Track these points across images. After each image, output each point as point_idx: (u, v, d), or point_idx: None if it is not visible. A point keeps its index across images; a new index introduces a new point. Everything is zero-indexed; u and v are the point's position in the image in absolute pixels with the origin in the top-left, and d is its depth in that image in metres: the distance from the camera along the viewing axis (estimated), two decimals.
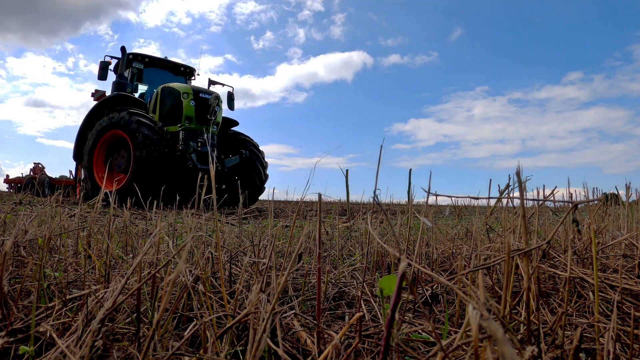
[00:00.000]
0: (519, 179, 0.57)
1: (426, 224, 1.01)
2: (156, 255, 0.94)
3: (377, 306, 0.95)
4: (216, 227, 0.81)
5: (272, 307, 0.49)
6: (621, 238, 0.90)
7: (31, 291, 0.92)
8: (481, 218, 1.52)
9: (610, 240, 1.48)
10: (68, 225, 1.63)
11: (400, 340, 0.72)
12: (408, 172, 1.98)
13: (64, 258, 1.18)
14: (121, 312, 0.79)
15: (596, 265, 0.65)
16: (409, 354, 0.67)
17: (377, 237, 0.69)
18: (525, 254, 0.59)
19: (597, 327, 0.66)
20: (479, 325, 0.31)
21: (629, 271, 1.12)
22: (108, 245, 0.97)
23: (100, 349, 0.65)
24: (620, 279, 0.87)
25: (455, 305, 0.98)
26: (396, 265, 1.37)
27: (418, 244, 0.95)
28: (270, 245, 0.98)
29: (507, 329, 0.54)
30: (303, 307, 0.97)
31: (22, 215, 1.55)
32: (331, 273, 1.28)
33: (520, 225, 1.08)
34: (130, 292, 0.59)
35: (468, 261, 1.17)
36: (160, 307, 0.49)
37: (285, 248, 1.28)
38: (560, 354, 0.64)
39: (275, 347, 0.58)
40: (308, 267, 1.34)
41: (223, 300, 0.83)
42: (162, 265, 0.64)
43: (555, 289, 1.05)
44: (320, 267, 0.67)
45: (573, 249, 1.16)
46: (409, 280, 0.92)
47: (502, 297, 0.57)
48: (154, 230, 1.00)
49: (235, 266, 1.26)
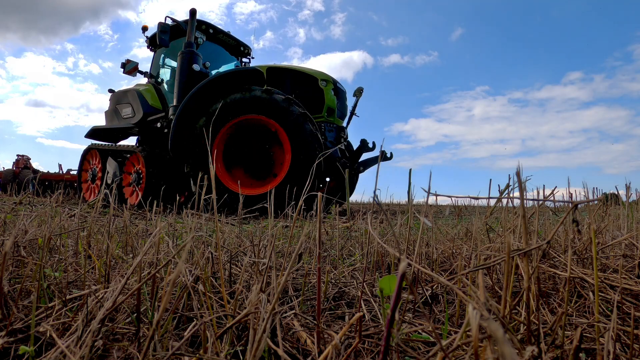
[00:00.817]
0: (519, 179, 0.57)
1: (426, 224, 1.01)
2: (156, 255, 0.94)
3: (377, 306, 0.95)
4: (216, 227, 0.81)
5: (272, 307, 0.49)
6: (621, 238, 0.89)
7: (31, 291, 0.92)
8: (481, 218, 1.52)
9: (610, 240, 1.48)
10: (68, 225, 1.64)
11: (400, 340, 0.72)
12: (408, 172, 1.98)
13: (64, 258, 1.18)
14: (121, 312, 0.79)
15: (596, 265, 0.65)
16: (409, 354, 0.67)
17: (377, 237, 0.69)
18: (525, 254, 0.59)
19: (597, 327, 0.66)
20: (479, 325, 0.31)
21: (629, 271, 1.12)
22: (108, 245, 0.97)
23: (100, 349, 0.65)
24: (620, 279, 0.87)
25: (455, 305, 0.98)
26: (396, 265, 1.37)
27: (418, 244, 0.95)
28: (270, 245, 0.98)
29: (507, 329, 0.54)
30: (303, 307, 0.97)
31: (22, 215, 1.54)
32: (331, 273, 1.28)
33: (520, 225, 1.08)
34: (130, 292, 0.59)
35: (468, 261, 1.17)
36: (160, 307, 0.49)
37: (285, 248, 1.28)
38: (560, 354, 0.64)
39: (275, 347, 0.58)
40: (308, 267, 1.34)
41: (223, 300, 0.83)
42: (162, 265, 0.64)
43: (555, 289, 1.05)
44: (320, 267, 0.67)
45: (573, 249, 1.16)
46: (409, 280, 0.92)
47: (502, 297, 0.57)
48: (154, 230, 1.00)
49: (235, 266, 1.26)
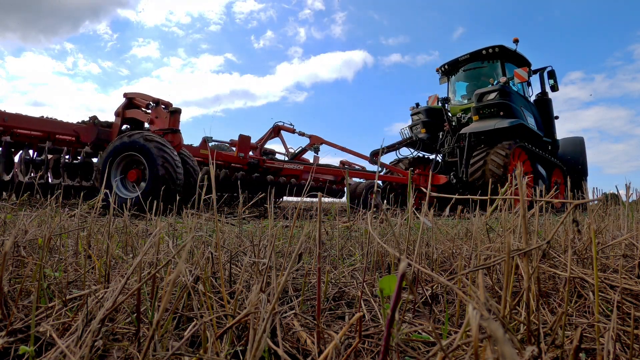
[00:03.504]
0: (519, 179, 0.57)
1: (426, 224, 1.01)
2: (156, 255, 0.94)
3: (377, 306, 0.95)
4: (216, 227, 0.81)
5: (272, 307, 0.49)
6: (621, 238, 0.89)
7: (31, 291, 0.92)
8: (481, 218, 1.52)
9: (610, 240, 1.48)
10: (68, 225, 1.64)
11: (400, 340, 0.72)
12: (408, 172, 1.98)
13: (64, 258, 1.18)
14: (121, 312, 0.79)
15: (596, 265, 0.65)
16: (409, 354, 0.67)
17: (377, 237, 0.69)
18: (525, 254, 0.59)
19: (597, 327, 0.66)
20: (479, 325, 0.31)
21: (629, 271, 1.12)
22: (108, 245, 0.97)
23: (100, 349, 0.65)
24: (620, 279, 0.87)
25: (455, 305, 0.98)
26: (396, 265, 1.37)
27: (418, 244, 0.95)
28: (270, 245, 0.98)
29: (507, 329, 0.54)
30: (303, 307, 0.97)
31: (22, 215, 1.55)
32: (331, 273, 1.28)
33: (520, 225, 1.08)
34: (130, 292, 0.59)
35: (468, 261, 1.17)
36: (160, 307, 0.49)
37: (285, 248, 1.28)
38: (560, 354, 0.64)
39: (275, 347, 0.58)
40: (308, 267, 1.34)
41: (223, 300, 0.83)
42: (162, 265, 0.64)
43: (555, 289, 1.05)
44: (320, 267, 0.67)
45: (573, 249, 1.16)
46: (409, 280, 0.92)
47: (502, 297, 0.57)
48: (154, 230, 1.00)
49: (235, 266, 1.26)
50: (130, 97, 5.31)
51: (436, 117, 7.97)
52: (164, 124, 4.84)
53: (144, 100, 5.22)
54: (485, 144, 6.62)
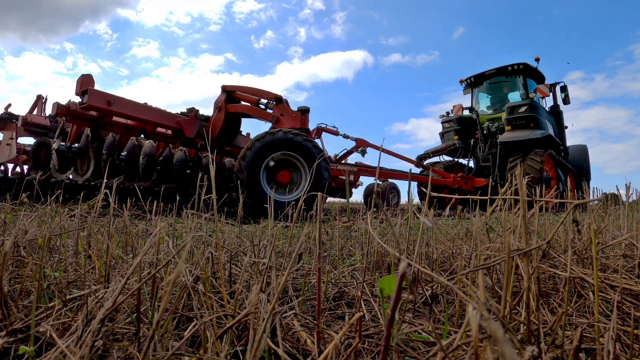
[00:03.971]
0: (519, 179, 0.57)
1: (426, 224, 1.01)
2: (156, 255, 0.94)
3: (377, 306, 0.95)
4: (216, 227, 0.81)
5: (272, 307, 0.49)
6: (621, 238, 0.89)
7: (31, 291, 0.92)
8: (481, 218, 1.52)
9: (610, 240, 1.48)
10: (68, 225, 1.64)
11: (400, 340, 0.72)
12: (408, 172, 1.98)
13: (64, 258, 1.18)
14: (121, 312, 0.79)
15: (596, 265, 0.65)
16: (409, 354, 0.67)
17: (377, 237, 0.69)
18: (525, 254, 0.59)
19: (597, 327, 0.66)
20: (479, 325, 0.31)
21: (629, 271, 1.12)
22: (108, 245, 0.97)
23: (100, 349, 0.65)
24: (620, 279, 0.87)
25: (455, 305, 0.98)
26: (396, 265, 1.37)
27: (418, 244, 0.95)
28: (270, 245, 0.98)
29: (507, 329, 0.54)
30: (303, 307, 0.97)
31: (22, 215, 1.55)
32: (331, 273, 1.28)
33: (520, 225, 1.08)
34: (130, 292, 0.59)
35: (468, 261, 1.17)
36: (160, 307, 0.49)
37: (285, 248, 1.28)
38: (560, 354, 0.64)
39: (275, 347, 0.58)
40: (308, 267, 1.34)
41: (223, 300, 0.83)
42: (162, 265, 0.64)
43: (555, 289, 1.05)
44: (320, 267, 0.67)
45: (573, 249, 1.16)
46: (409, 280, 0.92)
47: (502, 297, 0.57)
48: (154, 230, 1.00)
49: (235, 266, 1.26)
50: (229, 90, 4.67)
51: (466, 125, 8.72)
52: (294, 123, 4.40)
53: (252, 95, 4.59)
54: (519, 151, 7.46)
